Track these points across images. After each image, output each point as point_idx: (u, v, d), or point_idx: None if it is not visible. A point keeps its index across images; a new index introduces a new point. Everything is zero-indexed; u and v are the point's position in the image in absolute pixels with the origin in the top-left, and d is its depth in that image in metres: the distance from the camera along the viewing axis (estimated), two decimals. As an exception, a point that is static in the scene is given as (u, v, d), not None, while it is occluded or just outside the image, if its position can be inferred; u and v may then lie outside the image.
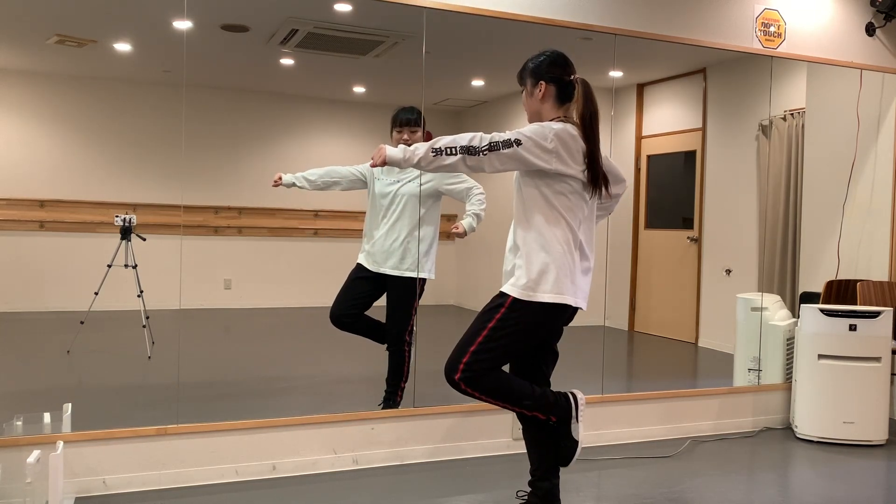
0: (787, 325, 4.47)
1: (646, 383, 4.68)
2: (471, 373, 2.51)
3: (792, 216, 4.95)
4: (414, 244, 3.76)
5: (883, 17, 4.51)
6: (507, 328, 2.54)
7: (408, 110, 3.74)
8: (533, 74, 2.68)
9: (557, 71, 2.66)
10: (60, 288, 4.78)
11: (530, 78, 2.69)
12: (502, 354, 2.56)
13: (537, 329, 2.59)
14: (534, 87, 2.68)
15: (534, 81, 2.68)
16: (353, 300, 3.78)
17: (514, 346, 2.58)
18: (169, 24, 4.00)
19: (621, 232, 5.63)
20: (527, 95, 2.72)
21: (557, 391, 2.68)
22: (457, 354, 2.54)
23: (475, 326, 2.57)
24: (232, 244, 5.14)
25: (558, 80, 2.65)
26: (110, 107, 4.90)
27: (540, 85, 2.65)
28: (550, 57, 2.68)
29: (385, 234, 3.78)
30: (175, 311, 3.62)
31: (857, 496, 3.27)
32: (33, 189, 4.73)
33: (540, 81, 2.65)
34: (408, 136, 3.72)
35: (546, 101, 2.66)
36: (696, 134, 5.47)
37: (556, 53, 2.69)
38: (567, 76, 2.65)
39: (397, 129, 3.76)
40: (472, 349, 2.52)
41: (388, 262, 3.78)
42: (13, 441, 2.94)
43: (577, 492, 3.24)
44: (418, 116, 3.73)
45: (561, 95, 2.65)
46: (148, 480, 3.15)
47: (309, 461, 3.42)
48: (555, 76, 2.65)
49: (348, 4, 4.09)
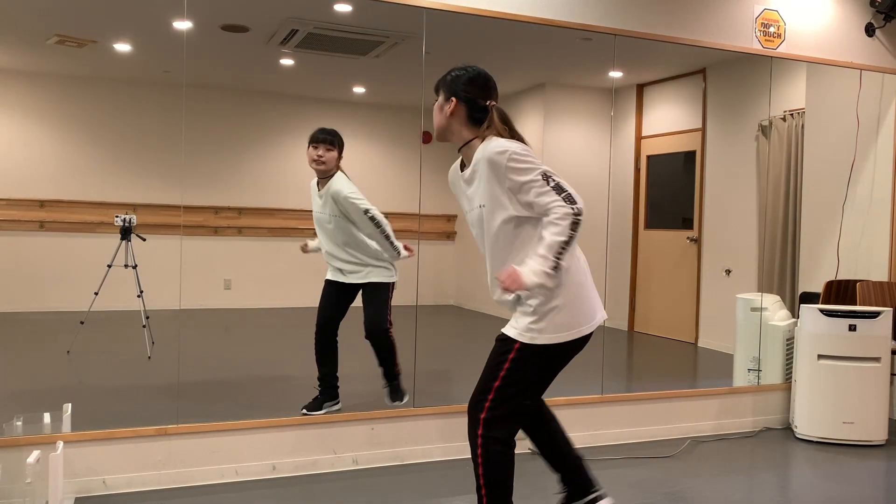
0: (787, 326, 4.47)
1: (646, 383, 4.68)
2: (494, 413, 2.40)
3: (792, 216, 4.95)
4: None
5: (882, 17, 4.51)
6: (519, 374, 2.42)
7: (325, 130, 3.81)
8: (448, 88, 2.49)
9: (474, 91, 2.47)
10: (60, 288, 4.77)
11: (445, 90, 2.50)
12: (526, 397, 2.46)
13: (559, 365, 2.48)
14: (445, 101, 2.48)
15: (447, 95, 2.48)
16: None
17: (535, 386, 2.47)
18: (169, 24, 4.01)
19: (621, 232, 5.63)
20: (437, 107, 2.52)
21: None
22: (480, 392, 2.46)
23: (487, 373, 2.46)
24: (232, 244, 5.14)
25: (471, 102, 2.46)
26: (110, 107, 4.90)
27: (451, 101, 2.46)
28: (470, 74, 2.49)
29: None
30: (175, 311, 3.62)
31: (857, 496, 3.27)
32: (33, 189, 4.73)
33: (452, 97, 2.47)
34: (322, 153, 3.77)
35: (454, 119, 2.47)
36: (696, 134, 5.47)
37: (480, 72, 2.51)
38: (483, 100, 2.46)
39: (312, 146, 3.80)
40: (491, 396, 2.42)
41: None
42: (13, 441, 2.95)
43: (577, 492, 3.24)
44: (334, 137, 3.81)
45: (471, 118, 2.46)
46: (148, 480, 3.16)
47: (309, 461, 3.42)
48: (469, 96, 2.46)
49: (348, 5, 4.09)
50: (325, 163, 3.76)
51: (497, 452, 2.41)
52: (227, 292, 5.08)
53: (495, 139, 2.39)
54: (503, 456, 2.42)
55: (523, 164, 2.34)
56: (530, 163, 2.34)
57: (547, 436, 2.70)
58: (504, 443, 2.43)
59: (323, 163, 3.76)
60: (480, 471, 2.42)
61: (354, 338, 3.87)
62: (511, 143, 2.36)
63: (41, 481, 2.71)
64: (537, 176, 2.33)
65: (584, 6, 3.85)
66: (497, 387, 2.41)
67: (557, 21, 3.79)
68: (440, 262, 5.41)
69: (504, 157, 2.33)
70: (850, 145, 4.80)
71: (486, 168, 2.37)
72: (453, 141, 2.54)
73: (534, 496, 3.17)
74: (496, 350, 2.46)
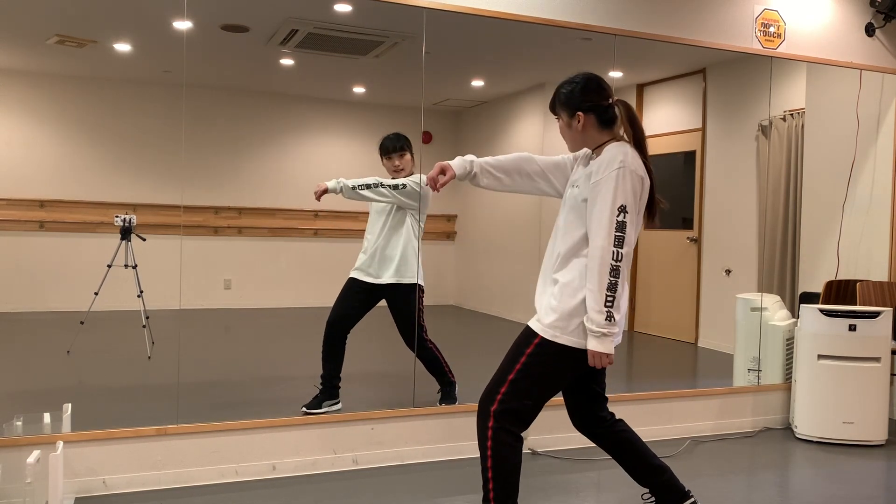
0: (787, 326, 4.48)
1: (646, 383, 4.69)
2: (506, 405, 2.41)
3: (792, 216, 4.95)
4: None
5: (882, 17, 4.51)
6: (535, 367, 2.42)
7: (392, 139, 3.83)
8: (567, 105, 2.45)
9: (593, 98, 2.43)
10: (60, 288, 4.78)
11: (565, 109, 2.46)
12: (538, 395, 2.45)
13: (568, 372, 2.47)
14: (571, 119, 2.45)
15: (570, 112, 2.45)
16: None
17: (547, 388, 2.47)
18: (169, 25, 4.01)
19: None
20: (564, 126, 2.49)
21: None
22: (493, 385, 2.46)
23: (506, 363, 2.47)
24: (232, 244, 5.14)
25: (596, 108, 2.43)
26: (110, 107, 4.90)
27: (578, 116, 2.43)
28: (582, 83, 2.45)
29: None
30: (175, 311, 3.62)
31: (857, 496, 3.27)
32: (33, 189, 4.74)
33: (577, 112, 2.43)
34: (398, 162, 3.82)
35: (587, 131, 2.45)
36: (696, 134, 5.47)
37: (588, 77, 2.46)
38: (604, 101, 2.44)
39: (387, 157, 3.85)
40: (505, 387, 2.43)
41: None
42: (13, 441, 2.94)
43: (577, 492, 3.24)
44: (404, 142, 3.84)
45: (602, 122, 2.44)
46: (148, 480, 3.16)
47: (309, 461, 3.42)
48: (592, 104, 2.43)
49: (348, 5, 4.09)
50: (403, 169, 3.84)
51: (506, 445, 2.41)
52: (227, 292, 5.08)
53: (627, 149, 2.39)
54: (512, 449, 2.42)
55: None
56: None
57: (628, 448, 2.65)
58: (513, 435, 2.43)
59: (402, 170, 3.84)
60: (489, 463, 2.41)
61: (354, 338, 3.87)
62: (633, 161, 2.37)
63: (41, 481, 2.71)
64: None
65: (584, 6, 3.85)
66: (511, 379, 2.42)
67: (557, 21, 3.79)
68: (440, 262, 5.40)
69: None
70: (850, 145, 4.80)
71: (611, 175, 2.35)
72: (590, 148, 2.51)
73: (533, 496, 3.17)
74: (518, 341, 2.48)
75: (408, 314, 3.82)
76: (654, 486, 2.66)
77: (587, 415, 2.66)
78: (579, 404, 2.65)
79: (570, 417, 2.70)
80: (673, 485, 2.65)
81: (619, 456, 2.66)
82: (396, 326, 3.85)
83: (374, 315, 3.89)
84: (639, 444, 2.63)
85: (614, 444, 2.64)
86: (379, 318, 3.88)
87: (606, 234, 2.31)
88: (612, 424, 2.65)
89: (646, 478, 2.65)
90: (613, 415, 2.68)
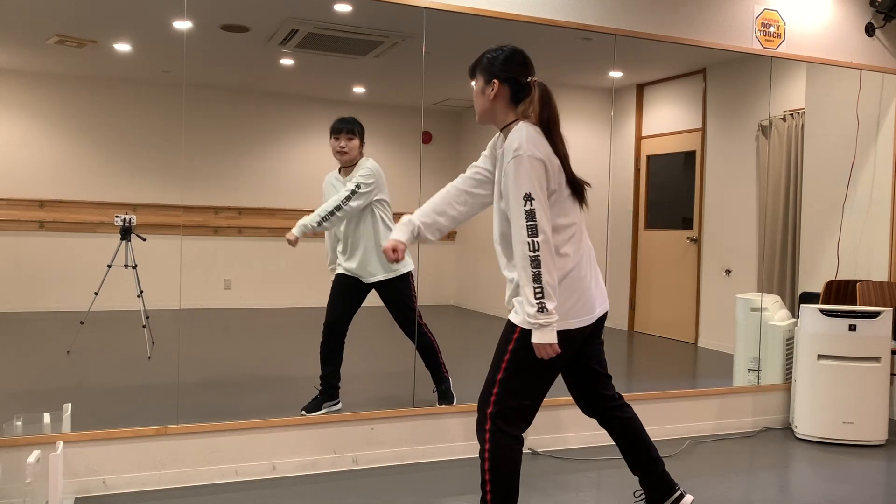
0: (787, 326, 4.48)
1: (646, 383, 4.68)
2: (502, 406, 2.41)
3: (792, 216, 4.95)
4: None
5: (882, 17, 4.51)
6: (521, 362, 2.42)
7: (343, 120, 3.81)
8: (486, 70, 2.44)
9: (514, 70, 2.42)
10: (60, 288, 4.77)
11: (483, 74, 2.45)
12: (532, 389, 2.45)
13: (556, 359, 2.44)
14: (486, 85, 2.44)
15: (486, 79, 2.44)
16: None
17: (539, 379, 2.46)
18: (169, 24, 4.01)
19: (621, 232, 5.63)
20: (478, 92, 2.47)
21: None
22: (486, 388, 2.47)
23: (494, 363, 2.47)
24: (232, 244, 5.13)
25: (513, 81, 2.42)
26: (110, 107, 4.89)
27: (493, 84, 2.42)
28: (508, 53, 2.44)
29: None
30: (175, 311, 3.62)
31: (857, 496, 3.27)
32: (33, 189, 4.73)
33: (494, 80, 2.42)
34: (344, 144, 3.79)
35: (498, 102, 2.44)
36: (696, 134, 5.47)
37: (515, 50, 2.45)
38: (523, 77, 2.43)
39: (334, 137, 3.81)
40: (496, 388, 2.43)
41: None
42: (13, 441, 2.94)
43: (577, 492, 3.24)
44: (353, 125, 3.81)
45: (514, 97, 2.42)
46: (148, 480, 3.16)
47: (309, 461, 3.42)
48: (510, 76, 2.42)
49: (348, 4, 4.09)
50: (347, 152, 3.79)
51: (505, 447, 2.41)
52: (226, 292, 5.08)
53: (525, 131, 2.35)
54: (510, 451, 2.42)
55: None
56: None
57: (631, 435, 2.69)
58: (512, 437, 2.42)
59: (346, 152, 3.79)
60: (487, 465, 2.41)
61: (354, 338, 3.87)
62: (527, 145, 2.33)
63: (41, 481, 2.70)
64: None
65: (584, 6, 3.85)
66: (500, 379, 2.42)
67: (557, 21, 3.79)
68: (440, 262, 5.40)
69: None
70: (850, 145, 4.80)
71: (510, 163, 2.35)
72: (496, 124, 2.50)
73: (533, 496, 3.17)
74: (501, 338, 2.48)
75: (401, 306, 3.83)
76: (646, 476, 2.70)
77: (592, 396, 2.67)
78: (581, 386, 2.67)
79: (579, 405, 2.71)
80: (664, 479, 2.70)
81: (621, 440, 2.70)
82: (393, 318, 3.86)
83: (373, 314, 3.90)
84: (642, 435, 2.68)
85: (622, 430, 2.68)
86: (378, 317, 3.89)
87: (519, 228, 2.31)
88: (620, 407, 2.68)
89: (640, 467, 2.70)
90: (621, 395, 2.70)
